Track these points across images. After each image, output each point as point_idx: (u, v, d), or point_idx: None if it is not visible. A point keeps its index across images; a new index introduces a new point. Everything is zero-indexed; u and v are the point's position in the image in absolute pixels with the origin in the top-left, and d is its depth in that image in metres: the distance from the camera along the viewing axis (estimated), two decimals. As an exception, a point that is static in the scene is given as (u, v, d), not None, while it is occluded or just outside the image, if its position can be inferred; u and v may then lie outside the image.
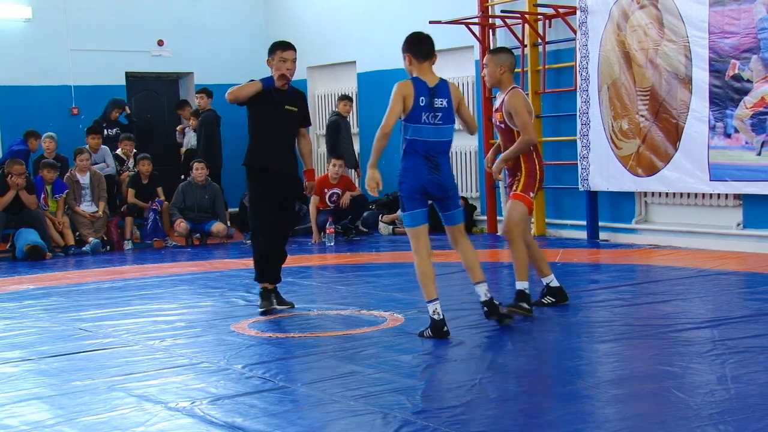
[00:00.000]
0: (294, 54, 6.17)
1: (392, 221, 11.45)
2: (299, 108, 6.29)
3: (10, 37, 12.36)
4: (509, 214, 5.89)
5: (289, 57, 6.11)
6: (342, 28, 13.02)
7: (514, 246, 5.88)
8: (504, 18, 10.49)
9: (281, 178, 6.18)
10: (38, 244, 9.97)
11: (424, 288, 5.29)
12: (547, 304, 6.11)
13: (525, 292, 5.85)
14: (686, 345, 4.95)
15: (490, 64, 5.93)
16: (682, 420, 3.65)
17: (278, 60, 6.10)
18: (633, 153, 9.31)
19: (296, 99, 6.30)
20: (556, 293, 6.17)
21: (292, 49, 6.17)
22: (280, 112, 6.14)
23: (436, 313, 5.26)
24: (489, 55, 6.01)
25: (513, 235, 5.85)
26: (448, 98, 5.31)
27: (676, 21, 8.78)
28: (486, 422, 3.74)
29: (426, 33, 5.48)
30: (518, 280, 5.88)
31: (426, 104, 5.27)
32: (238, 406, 4.05)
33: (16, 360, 5.12)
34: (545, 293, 6.18)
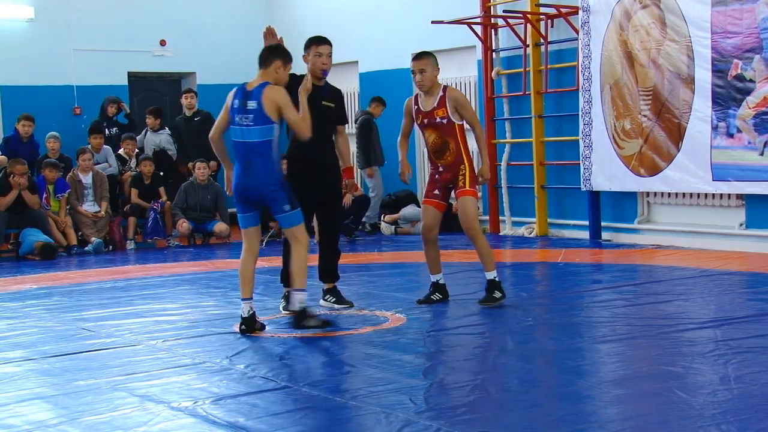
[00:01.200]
0: (329, 48, 6.22)
1: (394, 221, 11.45)
2: (336, 105, 6.33)
3: (12, 37, 12.36)
4: (467, 211, 6.11)
5: (324, 51, 6.17)
6: (344, 28, 13.00)
7: (477, 240, 6.12)
8: (506, 18, 10.48)
9: (321, 169, 6.23)
10: (51, 242, 10.01)
11: (240, 287, 5.58)
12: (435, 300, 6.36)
13: (495, 280, 6.14)
14: (689, 345, 4.95)
15: (428, 68, 6.11)
16: (685, 420, 3.65)
17: (314, 55, 6.16)
18: (635, 153, 9.31)
19: (333, 95, 6.34)
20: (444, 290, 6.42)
21: (327, 44, 6.21)
22: (317, 106, 6.15)
23: (243, 310, 5.53)
24: (424, 60, 6.14)
25: (475, 230, 6.12)
26: (258, 100, 5.40)
27: (679, 21, 8.77)
28: (488, 422, 3.73)
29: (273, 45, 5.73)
30: (487, 271, 6.16)
31: (238, 106, 5.49)
32: (241, 405, 4.05)
33: (18, 360, 5.12)
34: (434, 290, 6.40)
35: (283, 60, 5.58)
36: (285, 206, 5.48)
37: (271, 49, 5.66)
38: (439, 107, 6.07)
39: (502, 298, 6.14)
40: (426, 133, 6.16)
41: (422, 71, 6.08)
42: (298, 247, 5.51)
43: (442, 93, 6.09)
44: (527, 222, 10.77)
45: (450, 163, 6.12)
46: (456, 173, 6.12)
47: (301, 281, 5.49)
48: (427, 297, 6.35)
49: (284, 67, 5.58)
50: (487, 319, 5.81)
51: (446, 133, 6.08)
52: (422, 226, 6.33)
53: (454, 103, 6.08)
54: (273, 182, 5.45)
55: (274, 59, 5.55)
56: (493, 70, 10.86)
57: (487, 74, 10.91)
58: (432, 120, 6.09)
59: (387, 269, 8.58)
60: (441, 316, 6.02)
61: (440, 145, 6.11)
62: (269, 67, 5.55)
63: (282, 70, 5.57)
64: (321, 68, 6.16)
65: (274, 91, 5.45)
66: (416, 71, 6.11)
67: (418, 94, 6.22)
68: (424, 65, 6.09)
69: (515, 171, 10.93)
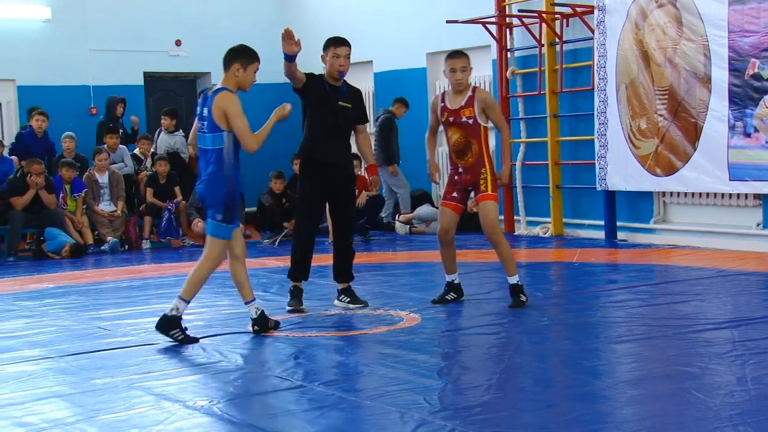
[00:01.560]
0: (347, 50, 6.22)
1: (409, 221, 11.44)
2: (354, 105, 6.32)
3: (30, 38, 12.45)
4: (489, 215, 6.08)
5: (342, 53, 6.18)
6: (358, 28, 13.00)
7: (500, 245, 6.10)
8: (521, 17, 10.46)
9: (334, 170, 6.22)
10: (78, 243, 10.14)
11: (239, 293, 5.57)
12: (450, 300, 6.36)
13: (518, 284, 6.13)
14: (705, 346, 4.92)
15: (468, 66, 6.11)
16: (701, 421, 3.63)
17: (331, 56, 6.18)
18: (651, 152, 9.27)
19: (351, 96, 6.33)
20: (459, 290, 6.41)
21: (345, 45, 6.23)
22: (334, 106, 6.19)
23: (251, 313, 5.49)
24: (465, 58, 6.12)
25: (497, 235, 6.09)
26: (209, 107, 5.29)
27: (695, 20, 8.73)
28: (503, 422, 3.73)
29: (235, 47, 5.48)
30: (509, 276, 6.14)
31: (199, 113, 5.41)
32: (256, 405, 4.06)
33: (36, 358, 5.16)
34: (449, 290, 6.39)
35: (242, 61, 5.32)
36: (218, 215, 5.30)
37: (232, 50, 5.39)
38: (467, 107, 6.04)
39: (524, 303, 6.11)
40: (450, 131, 6.12)
41: (464, 69, 6.05)
42: (207, 261, 5.34)
43: (471, 93, 6.06)
44: (542, 222, 10.75)
45: (471, 165, 6.09)
46: (477, 176, 6.08)
47: (189, 291, 5.34)
48: (442, 297, 6.35)
49: (245, 68, 5.32)
50: (502, 319, 5.80)
51: (470, 134, 6.05)
52: (439, 228, 6.31)
53: (482, 105, 6.04)
54: (218, 193, 5.28)
55: (233, 62, 5.32)
56: (507, 69, 10.85)
57: (502, 74, 10.89)
58: (458, 119, 6.05)
59: (401, 269, 8.58)
60: (456, 315, 6.02)
61: (463, 146, 6.08)
62: (228, 70, 5.33)
63: (242, 72, 5.31)
64: (338, 69, 6.17)
65: (222, 99, 5.22)
66: (457, 69, 6.04)
67: (446, 91, 6.19)
68: (465, 63, 6.08)
69: (530, 171, 10.91)
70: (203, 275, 5.37)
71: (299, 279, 6.36)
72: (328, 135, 6.21)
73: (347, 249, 6.41)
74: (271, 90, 13.79)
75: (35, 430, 3.83)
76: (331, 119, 6.20)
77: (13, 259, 10.11)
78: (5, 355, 5.23)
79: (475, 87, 6.15)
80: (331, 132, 6.22)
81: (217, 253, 5.37)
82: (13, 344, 5.55)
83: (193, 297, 5.41)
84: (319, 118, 6.19)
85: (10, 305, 7.07)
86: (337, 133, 6.25)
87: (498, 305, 6.23)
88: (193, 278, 5.37)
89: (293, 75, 6.06)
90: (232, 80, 5.34)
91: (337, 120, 6.22)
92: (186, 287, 5.37)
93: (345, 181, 6.33)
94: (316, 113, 6.20)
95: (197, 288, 5.39)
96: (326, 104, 6.18)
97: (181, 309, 5.36)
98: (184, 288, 5.38)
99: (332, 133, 6.23)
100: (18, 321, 6.35)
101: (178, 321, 5.36)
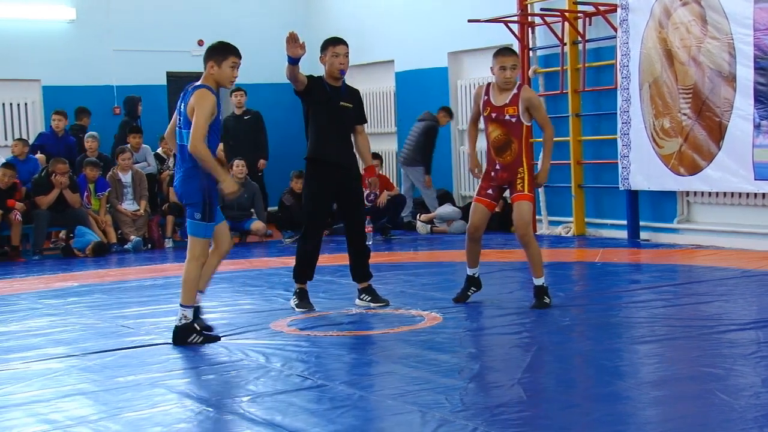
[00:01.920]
0: (346, 48, 6.25)
1: (430, 220, 11.43)
2: (354, 105, 6.35)
3: (55, 38, 12.57)
4: (523, 216, 6.01)
5: (341, 51, 6.20)
6: (380, 28, 13.03)
7: (531, 246, 6.04)
8: (543, 16, 10.42)
9: (341, 170, 6.26)
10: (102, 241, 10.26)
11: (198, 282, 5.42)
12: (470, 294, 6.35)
13: (544, 286, 6.09)
14: (730, 347, 4.88)
15: (518, 65, 6.08)
16: (726, 423, 3.60)
17: (331, 55, 6.19)
18: (675, 152, 9.20)
19: (351, 95, 6.37)
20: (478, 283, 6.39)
21: (344, 44, 6.25)
22: (336, 107, 6.23)
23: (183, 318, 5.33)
24: (514, 56, 6.07)
25: (529, 236, 6.03)
26: (185, 103, 5.25)
27: (720, 18, 8.65)
28: (525, 422, 3.72)
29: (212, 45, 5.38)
30: (536, 277, 6.09)
31: (178, 109, 5.36)
32: (278, 403, 4.07)
33: (61, 356, 5.20)
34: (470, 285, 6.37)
35: (216, 58, 5.23)
36: (196, 214, 5.23)
37: (208, 48, 5.33)
38: (511, 105, 5.96)
39: (548, 304, 6.06)
40: (490, 127, 6.04)
41: (514, 67, 5.99)
42: (192, 261, 5.25)
43: (517, 91, 5.98)
44: (564, 221, 10.70)
45: (509, 163, 6.01)
46: (513, 175, 6.01)
47: (187, 297, 5.28)
48: (463, 293, 6.31)
49: (219, 64, 5.23)
50: (524, 318, 5.78)
51: (512, 132, 5.97)
52: (470, 224, 6.21)
53: (527, 104, 5.96)
54: (194, 187, 5.21)
55: (207, 60, 5.26)
56: (530, 68, 10.81)
57: (524, 73, 10.85)
58: (501, 116, 5.98)
59: (423, 268, 8.57)
60: (477, 315, 6.01)
61: (503, 143, 6.01)
62: (205, 69, 5.28)
63: (216, 68, 5.23)
64: (339, 68, 6.20)
65: (196, 95, 5.17)
66: (507, 67, 5.96)
67: (491, 84, 6.09)
68: (516, 61, 6.03)
69: (552, 170, 10.62)
70: (193, 276, 5.28)
71: (305, 280, 6.38)
72: (333, 136, 6.26)
73: (362, 248, 6.43)
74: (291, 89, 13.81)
75: (60, 427, 3.86)
76: (335, 120, 6.24)
77: (38, 258, 10.20)
78: (30, 353, 5.28)
79: (521, 84, 6.07)
80: (335, 133, 6.27)
81: (200, 251, 5.28)
82: (38, 342, 5.60)
83: (194, 300, 5.33)
84: (324, 119, 6.23)
85: (35, 303, 7.14)
86: (341, 133, 6.30)
87: (520, 305, 6.21)
88: (185, 282, 5.29)
89: (296, 78, 6.08)
90: (209, 78, 5.29)
91: (340, 120, 6.27)
92: (182, 293, 5.30)
93: (351, 180, 6.36)
94: (320, 115, 6.24)
95: (193, 290, 5.30)
96: (329, 105, 6.23)
97: (188, 315, 5.31)
98: (181, 295, 5.31)
99: (337, 134, 6.27)
100: (43, 319, 6.41)
101: (192, 327, 5.31)
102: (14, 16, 12.30)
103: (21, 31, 12.34)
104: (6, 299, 7.39)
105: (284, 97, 12.91)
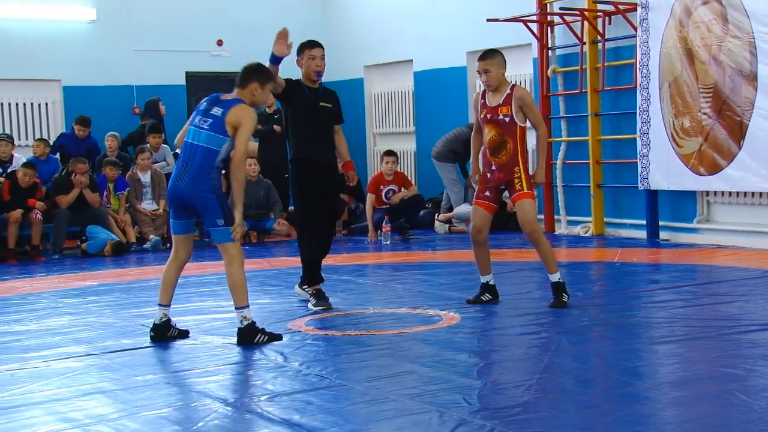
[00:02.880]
0: (322, 51, 6.37)
1: (448, 220, 11.41)
2: (333, 105, 6.46)
3: (75, 38, 12.66)
4: (526, 214, 6.02)
5: (317, 54, 6.32)
6: (398, 27, 13.02)
7: (540, 243, 6.05)
8: (563, 15, 10.38)
9: (328, 170, 6.40)
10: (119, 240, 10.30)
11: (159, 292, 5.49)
12: (485, 300, 6.28)
13: (560, 282, 6.07)
14: (750, 347, 4.84)
15: (492, 68, 6.03)
16: (746, 424, 3.57)
17: (307, 58, 6.31)
18: (695, 151, 9.14)
19: (329, 97, 6.48)
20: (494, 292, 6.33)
21: (319, 47, 6.37)
22: (316, 108, 6.35)
23: (156, 316, 5.39)
24: (488, 60, 6.04)
25: (536, 233, 6.05)
26: (224, 109, 5.24)
27: (741, 16, 8.58)
28: (543, 422, 3.70)
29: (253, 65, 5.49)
30: (551, 273, 6.08)
31: (204, 109, 5.35)
32: (295, 402, 4.08)
33: (80, 355, 5.23)
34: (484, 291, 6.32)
35: (260, 82, 5.36)
36: (218, 220, 5.21)
37: (251, 69, 5.41)
38: (504, 105, 6.01)
39: (566, 302, 6.05)
40: (486, 128, 6.09)
41: (486, 71, 6.02)
42: (233, 264, 5.25)
43: (510, 91, 6.03)
44: (583, 221, 10.66)
45: (504, 163, 6.05)
46: (510, 175, 6.04)
47: (241, 298, 5.28)
48: (477, 297, 6.31)
49: (262, 88, 5.37)
50: (542, 318, 5.76)
51: (506, 132, 6.02)
52: (472, 228, 6.27)
53: (519, 103, 6.01)
54: (206, 188, 5.21)
55: (252, 81, 5.34)
56: (549, 68, 10.77)
57: (543, 72, 10.82)
58: (495, 116, 6.03)
59: (440, 268, 8.56)
60: (495, 315, 5.99)
61: (498, 143, 6.05)
62: (246, 88, 5.34)
63: (260, 91, 5.36)
64: (315, 70, 6.32)
65: (244, 110, 5.24)
66: (481, 71, 6.07)
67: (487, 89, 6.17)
68: (487, 65, 6.04)
69: (571, 169, 10.82)
70: (239, 277, 5.28)
71: (318, 282, 6.43)
72: (316, 137, 6.38)
73: (328, 248, 6.55)
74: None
75: (79, 425, 3.88)
76: (316, 121, 6.35)
77: (58, 257, 10.27)
78: (50, 352, 5.32)
79: (514, 85, 6.11)
80: (318, 134, 6.39)
81: (236, 251, 5.28)
82: (58, 341, 5.64)
83: (247, 300, 5.33)
84: (306, 121, 6.33)
85: (55, 302, 7.19)
86: (324, 134, 6.41)
87: (538, 305, 6.19)
88: (233, 286, 5.29)
89: (275, 79, 6.10)
90: (248, 97, 5.35)
91: (321, 121, 6.37)
92: (234, 297, 5.30)
93: (335, 180, 6.51)
94: (301, 117, 6.33)
95: (245, 290, 5.31)
96: (309, 107, 6.34)
97: (247, 316, 5.31)
98: (234, 299, 5.32)
99: (319, 135, 6.40)
100: (62, 318, 6.45)
101: (255, 327, 5.31)
102: (35, 16, 12.40)
103: (41, 32, 12.44)
104: (26, 298, 7.45)
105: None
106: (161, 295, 5.49)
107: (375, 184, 11.06)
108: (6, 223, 10.04)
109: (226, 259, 5.30)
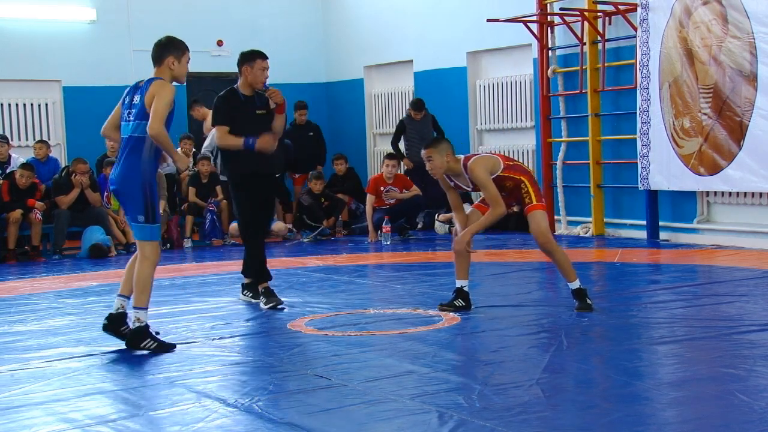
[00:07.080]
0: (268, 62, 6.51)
1: (448, 220, 11.41)
2: (267, 111, 6.49)
3: (75, 39, 12.65)
4: (539, 225, 5.92)
5: (267, 66, 6.49)
6: (398, 27, 13.02)
7: (555, 254, 5.97)
8: (563, 15, 10.39)
9: (267, 179, 6.54)
10: (100, 243, 10.19)
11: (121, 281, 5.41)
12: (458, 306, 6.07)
13: (581, 288, 5.97)
14: (750, 347, 4.85)
15: (435, 156, 5.83)
16: (746, 424, 3.57)
17: (258, 68, 6.41)
18: (695, 151, 9.14)
19: (263, 102, 6.49)
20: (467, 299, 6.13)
21: (267, 58, 6.52)
22: (252, 116, 6.39)
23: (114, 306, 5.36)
24: (429, 149, 5.85)
25: (550, 243, 5.97)
26: (142, 95, 5.22)
27: (741, 17, 8.59)
28: (543, 423, 3.71)
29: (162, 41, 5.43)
30: (570, 282, 5.99)
31: (128, 102, 5.35)
32: (296, 403, 4.08)
33: (80, 355, 5.23)
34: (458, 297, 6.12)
35: (175, 55, 5.28)
36: (139, 216, 5.16)
37: (162, 44, 5.33)
38: (475, 187, 5.94)
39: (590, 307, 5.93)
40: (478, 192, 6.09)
41: (429, 159, 5.84)
42: (145, 263, 5.17)
43: (468, 174, 5.85)
44: (583, 221, 10.66)
45: (510, 190, 5.97)
46: (518, 194, 5.98)
47: (142, 298, 5.17)
48: (451, 302, 6.11)
49: (178, 60, 5.29)
50: (542, 319, 5.77)
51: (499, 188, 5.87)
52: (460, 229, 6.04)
53: (476, 182, 5.84)
54: (134, 179, 5.16)
55: (167, 55, 5.27)
56: (549, 68, 10.77)
57: (543, 72, 10.82)
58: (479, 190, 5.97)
59: (441, 268, 8.55)
60: (495, 316, 5.99)
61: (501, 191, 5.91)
62: (162, 64, 5.27)
63: (177, 64, 5.28)
64: (263, 81, 6.42)
65: (158, 85, 5.16)
66: (425, 159, 5.90)
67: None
68: (429, 153, 5.84)
69: (571, 170, 10.82)
70: (148, 278, 5.19)
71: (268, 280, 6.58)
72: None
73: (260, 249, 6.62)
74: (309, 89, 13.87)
75: (79, 426, 3.89)
76: (253, 130, 6.34)
77: (58, 258, 10.27)
78: (50, 352, 5.32)
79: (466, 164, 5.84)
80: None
81: (150, 250, 5.20)
82: (58, 341, 5.65)
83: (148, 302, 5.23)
84: (244, 131, 6.31)
85: (55, 303, 7.19)
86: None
87: (538, 305, 6.19)
88: (140, 284, 5.19)
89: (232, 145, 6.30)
90: (166, 73, 5.31)
91: (258, 129, 6.35)
92: (136, 296, 5.21)
93: (273, 187, 6.81)
94: (237, 126, 6.34)
95: (148, 292, 5.21)
96: (245, 115, 6.37)
97: (142, 318, 5.20)
98: (134, 297, 5.22)
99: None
100: (63, 318, 6.45)
101: (146, 331, 5.20)
102: (34, 16, 12.39)
103: (41, 32, 12.44)
104: (26, 299, 7.45)
105: (303, 96, 12.95)
106: (123, 286, 5.37)
107: (375, 185, 11.06)
108: (6, 223, 10.04)
109: (140, 256, 5.24)
